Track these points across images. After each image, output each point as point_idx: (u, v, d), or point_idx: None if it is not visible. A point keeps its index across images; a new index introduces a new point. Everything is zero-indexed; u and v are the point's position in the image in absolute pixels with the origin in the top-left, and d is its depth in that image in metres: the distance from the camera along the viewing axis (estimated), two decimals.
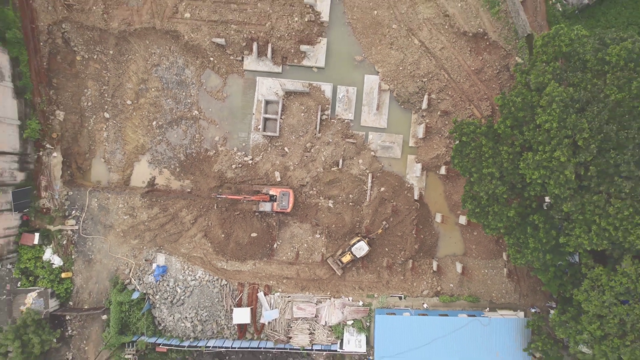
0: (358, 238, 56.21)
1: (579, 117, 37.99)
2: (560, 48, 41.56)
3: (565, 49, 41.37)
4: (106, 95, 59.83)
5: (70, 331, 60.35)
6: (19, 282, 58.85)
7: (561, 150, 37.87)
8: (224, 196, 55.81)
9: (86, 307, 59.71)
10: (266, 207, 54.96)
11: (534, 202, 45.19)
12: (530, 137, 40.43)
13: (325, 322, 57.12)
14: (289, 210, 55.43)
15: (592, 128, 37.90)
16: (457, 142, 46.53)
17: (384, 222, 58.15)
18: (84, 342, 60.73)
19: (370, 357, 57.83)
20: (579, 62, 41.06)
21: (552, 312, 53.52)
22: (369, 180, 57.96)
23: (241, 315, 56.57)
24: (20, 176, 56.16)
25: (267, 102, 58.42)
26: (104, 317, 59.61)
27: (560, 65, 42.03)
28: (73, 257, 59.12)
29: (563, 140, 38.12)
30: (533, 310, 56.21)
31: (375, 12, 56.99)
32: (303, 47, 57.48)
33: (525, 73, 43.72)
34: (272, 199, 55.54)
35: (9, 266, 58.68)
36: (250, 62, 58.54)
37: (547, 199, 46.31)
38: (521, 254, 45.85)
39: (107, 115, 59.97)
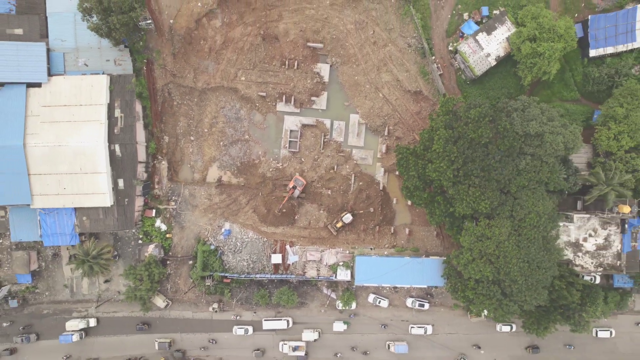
0: (346, 212, 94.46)
1: (452, 146, 76.12)
2: (449, 108, 79.92)
3: (451, 107, 79.74)
4: (192, 125, 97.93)
5: (169, 271, 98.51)
6: (140, 240, 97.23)
7: (443, 162, 76.19)
8: (281, 206, 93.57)
9: (179, 255, 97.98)
10: (296, 193, 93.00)
11: (439, 189, 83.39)
12: (430, 156, 78.75)
13: (326, 263, 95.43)
14: (305, 183, 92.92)
15: (459, 152, 75.97)
16: (397, 158, 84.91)
17: (371, 209, 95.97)
18: (177, 278, 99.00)
19: (354, 286, 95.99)
20: (458, 116, 79.26)
21: None
22: (353, 178, 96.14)
23: (276, 259, 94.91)
24: (145, 176, 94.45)
25: (291, 131, 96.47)
26: (190, 262, 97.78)
27: (450, 117, 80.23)
28: (172, 224, 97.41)
29: (445, 157, 76.38)
30: None
31: (356, 77, 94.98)
32: (313, 98, 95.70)
33: (432, 120, 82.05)
34: (295, 188, 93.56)
35: (134, 230, 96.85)
36: (281, 106, 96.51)
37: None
38: (433, 218, 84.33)
39: (192, 138, 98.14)
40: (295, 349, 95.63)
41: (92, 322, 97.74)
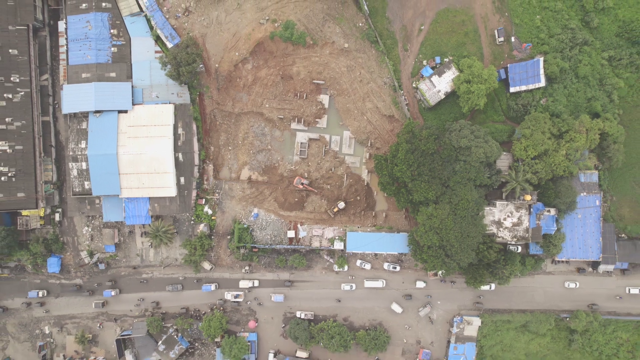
0: (340, 201, 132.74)
1: (411, 155, 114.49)
2: (409, 129, 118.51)
3: (411, 129, 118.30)
4: (230, 139, 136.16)
5: (213, 243, 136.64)
6: (192, 221, 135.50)
7: (404, 166, 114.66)
8: (316, 192, 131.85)
9: (221, 232, 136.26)
10: (306, 182, 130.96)
11: (402, 184, 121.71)
12: (396, 161, 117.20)
13: (326, 237, 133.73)
14: (300, 177, 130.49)
15: (415, 159, 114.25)
16: (375, 163, 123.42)
17: (358, 198, 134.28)
18: (219, 248, 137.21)
19: (346, 253, 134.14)
20: (415, 134, 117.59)
21: None
22: (345, 177, 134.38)
23: (290, 234, 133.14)
24: (197, 175, 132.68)
25: (301, 143, 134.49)
26: (228, 237, 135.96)
27: (410, 135, 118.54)
28: (216, 210, 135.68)
29: (405, 162, 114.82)
30: None
31: (348, 105, 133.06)
32: (317, 119, 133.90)
33: (398, 137, 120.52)
34: (302, 184, 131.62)
35: (188, 214, 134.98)
36: (294, 125, 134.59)
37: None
38: (399, 204, 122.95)
39: (230, 148, 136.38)
40: (236, 296, 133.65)
41: (256, 283, 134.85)
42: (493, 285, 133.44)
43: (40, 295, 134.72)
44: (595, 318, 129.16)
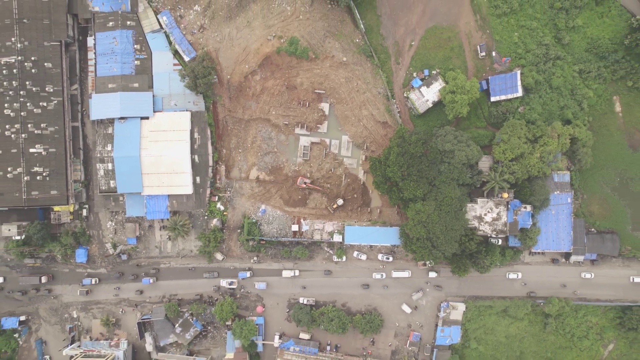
0: (340, 198, 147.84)
1: (401, 157, 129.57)
2: (400, 134, 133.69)
3: (401, 134, 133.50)
4: (240, 142, 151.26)
5: (224, 236, 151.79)
6: (206, 216, 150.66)
7: (395, 167, 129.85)
8: (322, 189, 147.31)
9: (232, 226, 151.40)
10: (307, 181, 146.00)
11: (394, 183, 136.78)
12: (389, 163, 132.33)
13: (326, 230, 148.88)
14: (302, 177, 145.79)
15: (405, 160, 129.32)
16: (370, 164, 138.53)
17: (355, 196, 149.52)
18: (230, 241, 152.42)
19: (344, 245, 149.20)
20: (405, 139, 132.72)
21: None
22: (344, 176, 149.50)
23: (294, 228, 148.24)
24: (211, 175, 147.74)
25: (304, 146, 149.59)
26: (239, 230, 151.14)
27: (400, 140, 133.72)
28: (228, 206, 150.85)
29: (396, 164, 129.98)
30: None
31: (346, 112, 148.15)
32: (318, 125, 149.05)
33: (390, 141, 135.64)
34: (305, 183, 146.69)
35: (203, 210, 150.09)
36: (297, 130, 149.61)
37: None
38: (392, 200, 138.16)
39: (240, 150, 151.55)
40: (230, 283, 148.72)
41: (297, 272, 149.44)
42: (520, 274, 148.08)
43: (93, 282, 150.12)
44: (567, 303, 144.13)
